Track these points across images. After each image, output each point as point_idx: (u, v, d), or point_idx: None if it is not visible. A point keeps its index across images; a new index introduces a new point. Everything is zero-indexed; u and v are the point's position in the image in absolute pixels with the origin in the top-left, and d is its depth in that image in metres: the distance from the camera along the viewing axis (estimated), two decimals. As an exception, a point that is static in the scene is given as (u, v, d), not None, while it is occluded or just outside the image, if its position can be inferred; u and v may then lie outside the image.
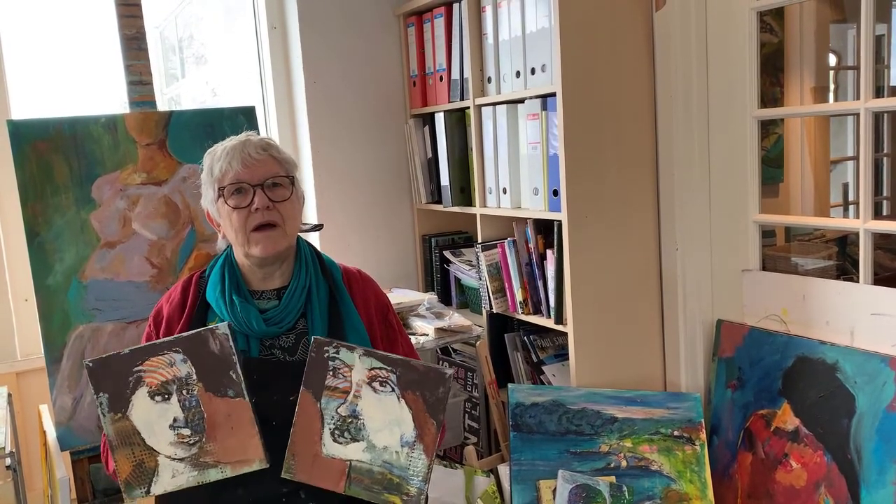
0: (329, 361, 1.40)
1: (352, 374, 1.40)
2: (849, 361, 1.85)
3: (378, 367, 1.39)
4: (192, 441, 1.38)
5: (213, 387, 1.39)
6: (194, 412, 1.38)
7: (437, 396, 1.37)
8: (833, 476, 1.83)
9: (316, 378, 1.40)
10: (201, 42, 3.56)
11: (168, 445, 1.38)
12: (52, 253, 1.97)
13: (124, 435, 1.38)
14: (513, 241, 2.31)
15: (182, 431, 1.38)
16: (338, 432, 1.40)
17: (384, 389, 1.39)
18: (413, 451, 1.38)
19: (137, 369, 1.38)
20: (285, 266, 1.59)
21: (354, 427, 1.39)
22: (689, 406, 2.06)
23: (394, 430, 1.38)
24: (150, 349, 1.39)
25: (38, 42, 2.87)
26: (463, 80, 2.49)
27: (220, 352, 1.38)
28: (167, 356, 1.38)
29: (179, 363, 1.38)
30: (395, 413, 1.38)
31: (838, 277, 2.36)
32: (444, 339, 2.29)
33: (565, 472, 1.97)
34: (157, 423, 1.38)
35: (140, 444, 1.38)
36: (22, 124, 2.00)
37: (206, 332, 1.39)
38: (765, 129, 2.64)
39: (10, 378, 2.36)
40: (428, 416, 1.38)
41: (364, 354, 1.40)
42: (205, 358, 1.39)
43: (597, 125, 2.09)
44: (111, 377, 1.38)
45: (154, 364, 1.38)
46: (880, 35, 3.26)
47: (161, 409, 1.38)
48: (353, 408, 1.39)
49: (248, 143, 1.55)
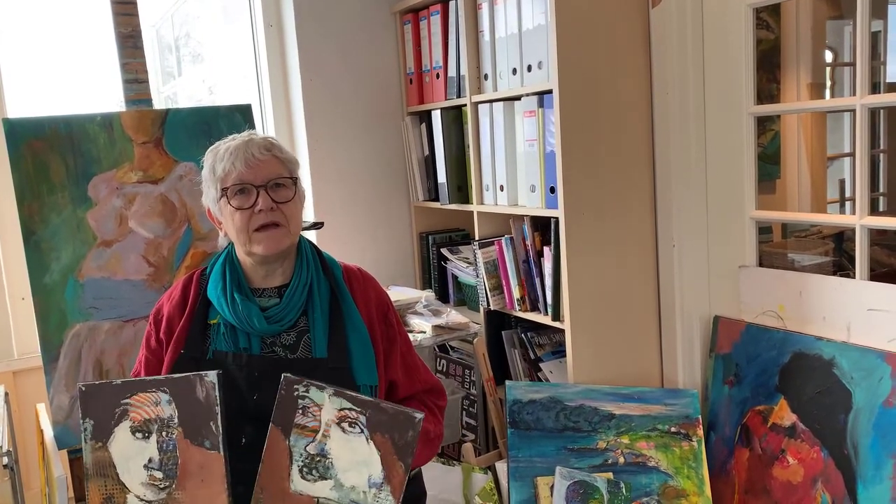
0: (299, 400, 1.39)
1: (321, 413, 1.39)
2: (845, 357, 1.85)
3: (348, 408, 1.38)
4: (163, 485, 1.39)
5: (192, 434, 1.39)
6: (170, 456, 1.39)
7: (406, 440, 1.36)
8: (830, 471, 1.84)
9: (285, 415, 1.40)
10: (198, 40, 3.56)
11: (139, 485, 1.39)
12: (48, 252, 1.97)
13: (100, 465, 1.39)
14: (510, 238, 2.31)
15: (155, 473, 1.39)
16: (306, 469, 1.39)
17: (353, 430, 1.38)
18: (381, 492, 1.37)
19: (125, 402, 1.39)
20: (287, 264, 1.60)
21: (323, 465, 1.39)
22: (686, 402, 2.06)
23: (362, 470, 1.38)
24: (140, 384, 1.40)
25: (33, 41, 2.86)
26: (459, 78, 2.49)
27: (205, 400, 1.39)
28: (154, 394, 1.39)
29: (164, 403, 1.39)
30: (364, 454, 1.37)
31: (835, 273, 2.36)
32: (441, 336, 2.29)
33: (563, 469, 1.98)
34: (133, 459, 1.39)
35: (114, 477, 1.39)
36: (18, 123, 2.00)
37: (194, 377, 1.40)
38: (761, 126, 2.64)
39: (7, 377, 2.36)
40: (396, 459, 1.37)
41: (334, 394, 1.39)
42: (189, 403, 1.39)
43: (593, 122, 2.09)
44: (100, 405, 1.40)
45: (141, 400, 1.40)
46: (876, 31, 3.27)
47: (139, 446, 1.39)
48: (321, 447, 1.39)
49: (251, 143, 1.54)
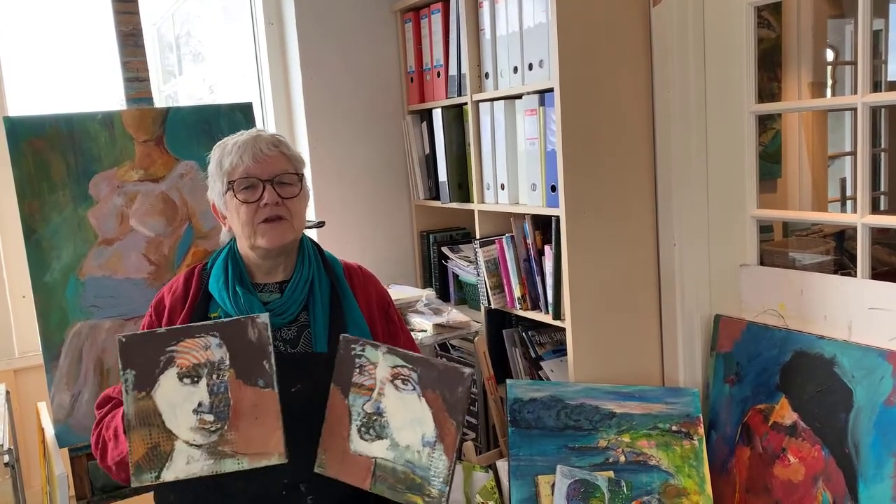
0: (356, 359, 1.42)
1: (376, 371, 1.41)
2: (846, 356, 1.85)
3: (400, 366, 1.40)
4: (214, 428, 1.36)
5: (245, 374, 1.37)
6: (221, 398, 1.36)
7: (457, 396, 1.37)
8: (831, 470, 1.84)
9: (344, 375, 1.42)
10: (198, 39, 3.56)
11: (188, 430, 1.36)
12: (49, 250, 1.97)
13: (144, 415, 1.35)
14: (511, 236, 2.31)
15: (205, 417, 1.36)
16: (364, 429, 1.41)
17: (406, 388, 1.40)
18: (434, 451, 1.38)
19: (171, 349, 1.36)
20: (288, 260, 1.61)
21: (379, 424, 1.40)
22: (687, 401, 2.06)
23: (415, 428, 1.39)
24: (187, 331, 1.38)
25: (34, 39, 2.86)
26: (460, 76, 2.49)
27: (258, 340, 1.37)
28: (203, 339, 1.37)
29: (215, 347, 1.37)
30: (417, 411, 1.39)
31: (836, 272, 2.37)
32: (442, 335, 2.29)
33: (564, 468, 1.98)
34: (181, 405, 1.36)
35: (159, 425, 1.35)
36: (18, 121, 2.00)
37: (246, 319, 1.39)
38: (762, 125, 2.64)
39: (8, 375, 2.36)
40: (447, 416, 1.38)
41: (387, 352, 1.41)
42: (241, 345, 1.37)
43: (594, 121, 2.09)
44: (142, 354, 1.36)
45: (189, 345, 1.37)
46: (878, 30, 3.27)
47: (188, 391, 1.36)
48: (377, 405, 1.41)
49: (259, 139, 1.56)
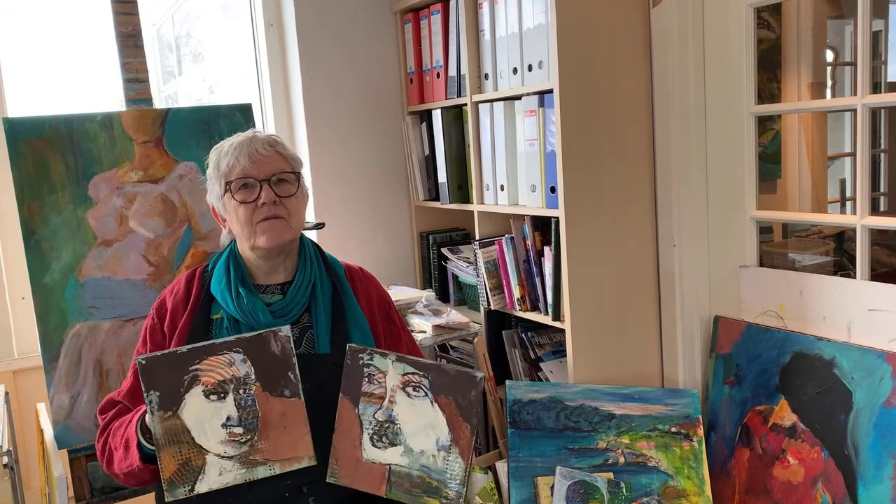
0: (364, 368, 1.43)
1: (386, 379, 1.42)
2: (846, 357, 1.85)
3: (411, 373, 1.42)
4: (244, 439, 1.38)
5: (271, 387, 1.39)
6: (249, 411, 1.39)
7: (470, 400, 1.40)
8: (830, 472, 1.84)
9: (353, 384, 1.43)
10: (198, 39, 3.56)
11: (218, 444, 1.38)
12: (48, 251, 1.97)
13: (172, 433, 1.36)
14: (510, 237, 2.31)
15: (234, 430, 1.38)
16: (376, 437, 1.42)
17: (417, 394, 1.42)
18: (449, 454, 1.40)
19: (194, 368, 1.37)
20: (289, 261, 1.61)
21: (392, 432, 1.42)
22: (686, 402, 2.06)
23: (429, 434, 1.41)
24: (209, 349, 1.39)
25: (34, 40, 2.86)
26: (460, 77, 2.49)
27: (282, 353, 1.39)
28: (227, 356, 1.38)
29: (239, 363, 1.39)
30: (430, 417, 1.41)
31: (835, 273, 2.37)
32: (441, 336, 2.29)
33: (563, 469, 1.98)
34: (210, 421, 1.38)
35: (189, 442, 1.37)
36: (18, 122, 2.00)
37: (268, 333, 1.40)
38: (762, 126, 2.64)
39: (7, 376, 2.36)
40: (461, 420, 1.40)
41: (397, 360, 1.43)
42: (265, 358, 1.39)
43: (594, 122, 2.09)
44: (164, 375, 1.37)
45: (212, 363, 1.38)
46: (877, 31, 3.27)
47: (215, 407, 1.38)
48: (389, 413, 1.42)
49: (255, 140, 1.57)
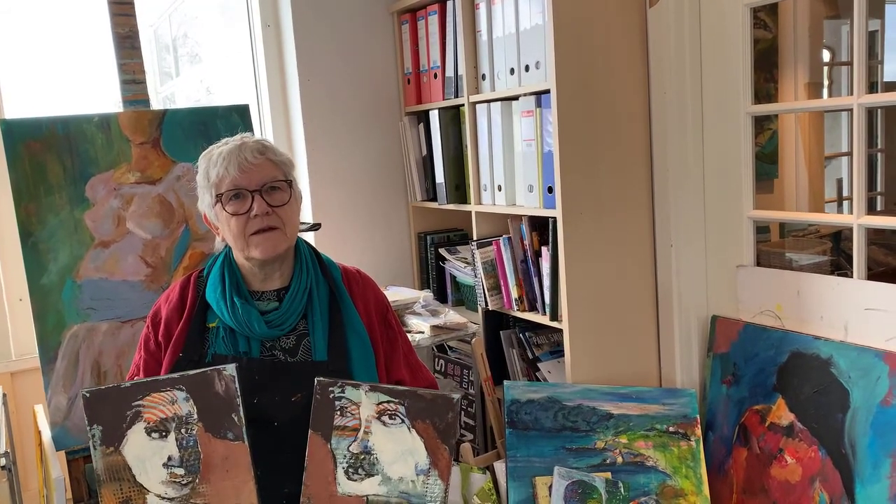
0: (335, 401, 1.40)
1: (359, 410, 1.40)
2: (843, 356, 1.85)
3: (386, 401, 1.40)
4: (185, 481, 1.36)
5: (214, 428, 1.37)
6: (191, 452, 1.37)
7: (447, 422, 1.39)
8: (828, 471, 1.84)
9: (323, 419, 1.40)
10: (195, 40, 3.55)
11: (159, 484, 1.36)
12: (46, 252, 1.97)
13: (114, 470, 1.35)
14: (508, 238, 2.31)
15: (176, 471, 1.36)
16: (351, 469, 1.40)
17: (394, 422, 1.40)
18: (429, 477, 1.39)
19: (137, 404, 1.36)
20: (285, 267, 1.59)
21: (368, 462, 1.40)
22: (684, 402, 2.07)
23: (408, 459, 1.39)
24: (153, 385, 1.37)
25: (31, 41, 2.86)
26: (457, 78, 2.49)
27: (225, 393, 1.37)
28: (170, 393, 1.37)
29: (181, 401, 1.37)
30: (408, 443, 1.39)
31: (832, 273, 2.36)
32: (439, 336, 2.29)
33: (561, 469, 1.98)
34: (151, 460, 1.36)
35: (129, 480, 1.35)
36: (15, 124, 1.99)
37: (212, 371, 1.38)
38: (759, 125, 2.64)
39: (4, 378, 2.36)
40: (440, 443, 1.39)
41: (370, 390, 1.41)
42: (208, 398, 1.37)
43: (591, 122, 2.09)
44: (108, 409, 1.36)
45: (155, 400, 1.37)
46: (873, 31, 3.27)
47: (156, 446, 1.36)
48: (364, 444, 1.40)
49: (244, 147, 1.53)
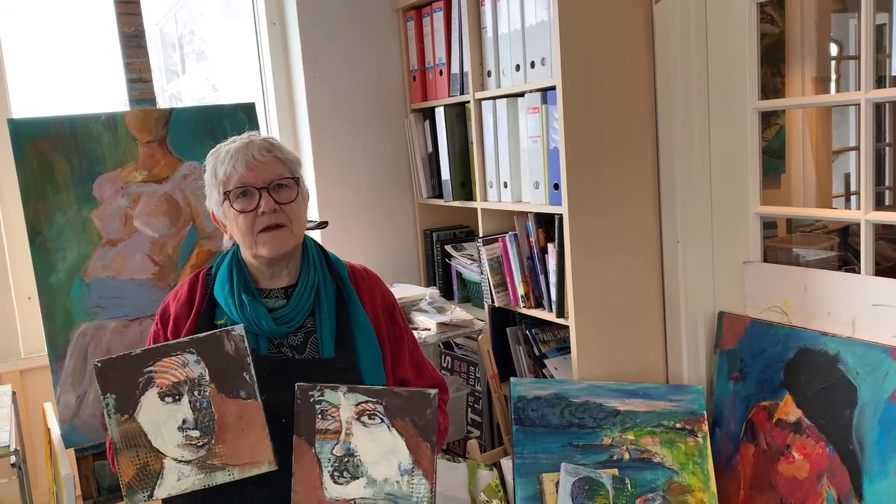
0: (316, 405, 1.40)
1: (340, 412, 1.40)
2: (850, 352, 1.85)
3: (364, 402, 1.40)
4: (201, 443, 1.37)
5: (226, 388, 1.38)
6: (205, 413, 1.37)
7: (426, 419, 1.38)
8: (835, 467, 1.84)
9: (306, 424, 1.40)
10: (201, 38, 3.56)
11: (175, 447, 1.37)
12: (54, 251, 1.98)
13: (130, 437, 1.36)
14: (514, 235, 2.31)
15: (191, 433, 1.37)
16: (336, 473, 1.40)
17: (373, 422, 1.40)
18: (413, 477, 1.38)
19: (148, 370, 1.36)
20: (292, 264, 1.60)
21: (352, 465, 1.40)
22: (691, 398, 2.06)
23: (391, 459, 1.39)
24: (163, 350, 1.38)
25: (37, 41, 2.87)
26: (463, 75, 2.49)
27: (235, 353, 1.38)
28: (180, 357, 1.37)
29: (193, 364, 1.37)
30: (389, 443, 1.39)
31: (840, 268, 2.36)
32: (446, 333, 2.30)
33: (568, 465, 1.98)
34: (166, 424, 1.37)
35: (146, 446, 1.36)
36: (22, 123, 2.00)
37: (221, 332, 1.38)
38: (766, 120, 2.63)
39: (14, 376, 2.37)
40: (421, 440, 1.38)
41: (348, 391, 1.40)
42: (219, 359, 1.38)
43: (597, 118, 2.09)
44: (120, 378, 1.36)
45: (166, 365, 1.37)
46: (881, 24, 3.25)
47: (170, 410, 1.37)
48: (347, 446, 1.40)
49: (251, 145, 1.54)
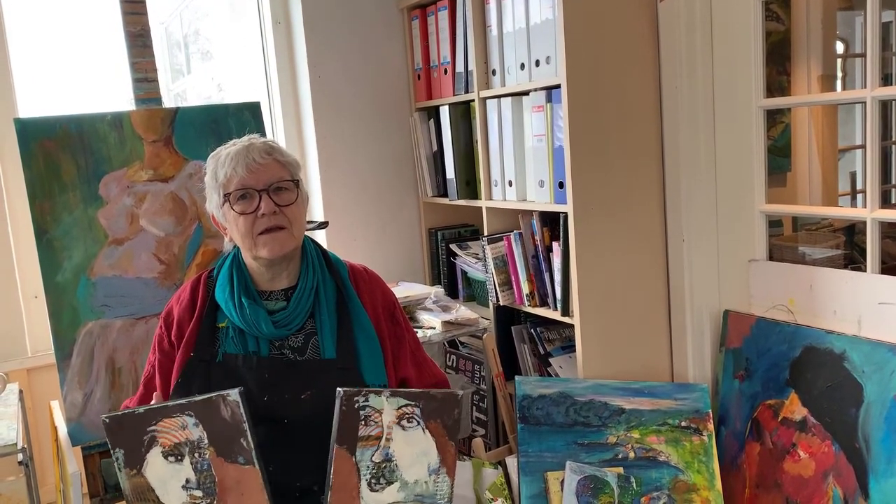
0: (360, 411, 1.40)
1: (382, 417, 1.40)
2: (856, 351, 1.84)
3: (405, 405, 1.41)
4: (204, 503, 1.39)
5: (225, 452, 1.39)
6: (206, 475, 1.39)
7: (454, 419, 1.41)
8: (841, 466, 1.83)
9: (348, 431, 1.39)
10: (206, 37, 3.56)
11: None
12: (60, 250, 1.99)
13: (139, 490, 1.39)
14: (519, 233, 2.31)
15: (194, 493, 1.39)
16: (374, 481, 1.40)
17: (411, 425, 1.41)
18: (438, 476, 1.41)
19: (151, 429, 1.38)
20: (292, 266, 1.60)
21: (388, 470, 1.41)
22: (696, 397, 2.06)
23: (422, 461, 1.41)
24: (163, 410, 1.39)
25: (44, 41, 2.88)
26: (467, 73, 2.49)
27: (232, 419, 1.39)
28: (179, 419, 1.38)
29: (192, 427, 1.39)
30: (423, 445, 1.41)
31: (846, 267, 2.35)
32: (450, 332, 2.30)
33: (573, 464, 1.98)
34: (171, 482, 1.39)
35: (154, 500, 1.39)
36: (29, 123, 2.01)
37: (217, 398, 1.39)
38: (772, 119, 2.62)
39: (21, 374, 2.38)
40: (447, 440, 1.41)
41: (391, 395, 1.41)
42: (216, 423, 1.39)
43: (602, 117, 2.09)
44: (127, 434, 1.38)
45: (167, 425, 1.39)
46: (887, 22, 3.24)
47: (174, 469, 1.39)
48: (386, 451, 1.40)
49: (251, 148, 1.54)
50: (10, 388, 2.13)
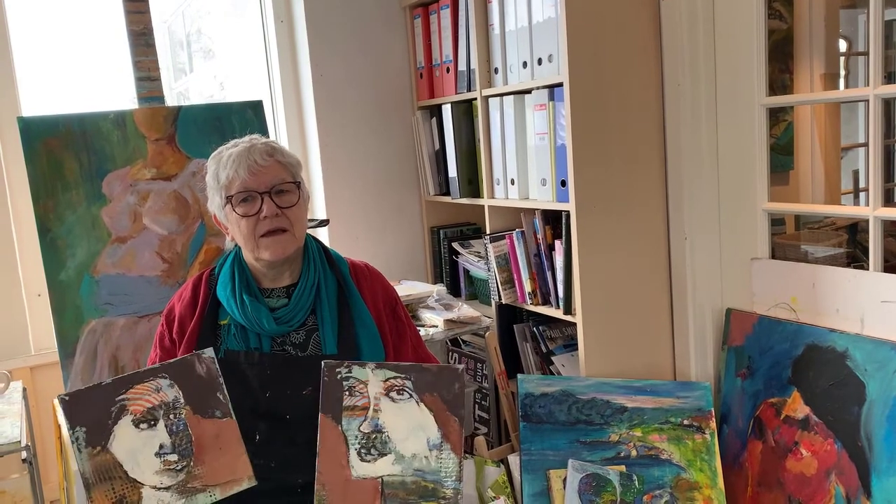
0: (343, 382, 1.40)
1: (367, 389, 1.40)
2: (859, 349, 1.84)
3: (392, 377, 1.40)
4: (180, 467, 1.38)
5: (201, 409, 1.39)
6: (182, 436, 1.38)
7: (455, 393, 1.39)
8: (844, 464, 1.83)
9: (333, 401, 1.40)
10: (209, 36, 3.56)
11: (153, 475, 1.36)
12: (63, 249, 1.99)
13: (103, 469, 1.35)
14: (521, 232, 2.31)
15: (169, 458, 1.37)
16: (364, 450, 1.40)
17: (402, 397, 1.40)
18: (441, 452, 1.39)
19: (121, 398, 1.37)
20: (294, 265, 1.61)
21: (380, 441, 1.40)
22: (698, 395, 2.06)
23: (419, 435, 1.39)
24: (135, 377, 1.39)
25: (47, 39, 2.88)
26: (470, 72, 2.49)
27: (207, 374, 1.40)
28: (153, 382, 1.38)
29: (166, 388, 1.39)
30: (417, 418, 1.39)
31: (848, 265, 2.35)
32: (453, 330, 2.30)
33: (575, 462, 1.98)
34: (142, 451, 1.36)
35: (122, 477, 1.35)
36: (32, 121, 2.01)
37: (192, 356, 1.41)
38: (774, 117, 2.62)
39: (24, 372, 2.39)
40: (449, 414, 1.39)
41: (377, 367, 1.41)
42: (192, 382, 1.39)
43: (604, 115, 2.08)
44: (90, 409, 1.35)
45: (139, 391, 1.38)
46: (890, 20, 3.23)
47: (146, 436, 1.37)
48: (374, 422, 1.40)
49: (253, 150, 1.54)
50: (13, 386, 2.14)
